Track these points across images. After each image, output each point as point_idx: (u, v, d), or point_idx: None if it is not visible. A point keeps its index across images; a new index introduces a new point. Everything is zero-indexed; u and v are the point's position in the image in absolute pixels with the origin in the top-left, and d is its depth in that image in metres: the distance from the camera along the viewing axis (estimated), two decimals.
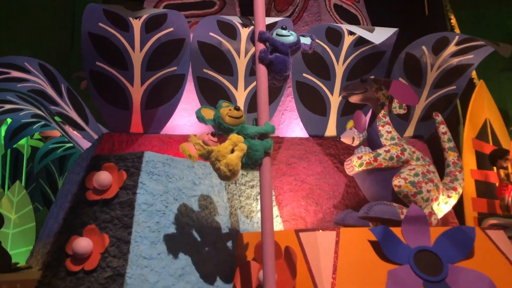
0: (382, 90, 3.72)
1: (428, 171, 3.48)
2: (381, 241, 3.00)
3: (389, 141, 3.60)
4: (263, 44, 2.95)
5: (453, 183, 3.69)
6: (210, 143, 2.71)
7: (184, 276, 3.01)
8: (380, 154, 3.52)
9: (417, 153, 3.60)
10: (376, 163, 3.51)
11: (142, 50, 3.89)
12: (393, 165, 3.51)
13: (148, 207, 3.05)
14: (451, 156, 3.81)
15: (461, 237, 3.12)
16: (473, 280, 2.95)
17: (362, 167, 3.55)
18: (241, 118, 2.80)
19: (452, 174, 3.75)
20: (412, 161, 3.54)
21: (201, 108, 2.88)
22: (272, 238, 2.71)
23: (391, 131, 3.66)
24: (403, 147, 3.55)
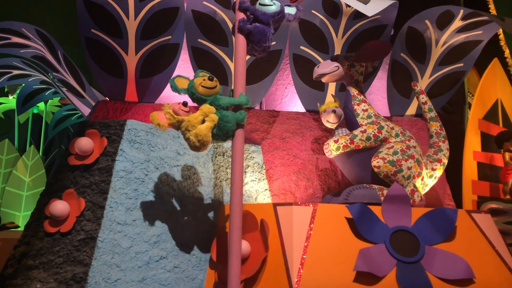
0: (355, 67, 3.57)
1: (408, 147, 3.36)
2: (357, 219, 2.96)
3: (366, 119, 3.48)
4: (244, 14, 2.90)
5: (437, 155, 3.56)
6: (180, 113, 2.70)
7: (159, 243, 3.06)
8: (357, 135, 3.42)
9: (396, 129, 3.48)
10: (353, 145, 3.42)
11: (136, 19, 3.88)
12: (371, 145, 3.41)
13: (126, 174, 3.08)
14: (434, 127, 3.66)
15: (442, 219, 3.04)
16: (449, 262, 2.88)
17: (339, 150, 3.45)
18: (214, 88, 2.77)
19: (436, 145, 3.61)
20: (391, 138, 3.43)
21: (176, 77, 2.86)
22: (240, 211, 2.72)
23: (367, 108, 3.53)
24: (380, 125, 3.43)
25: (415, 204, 3.30)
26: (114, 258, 2.84)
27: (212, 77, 2.77)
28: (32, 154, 6.46)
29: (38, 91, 5.83)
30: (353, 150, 3.44)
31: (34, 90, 5.75)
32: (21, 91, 5.74)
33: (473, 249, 3.01)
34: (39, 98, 5.97)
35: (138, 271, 2.90)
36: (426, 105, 3.67)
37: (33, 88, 5.69)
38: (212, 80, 2.76)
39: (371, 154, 3.39)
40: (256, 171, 3.92)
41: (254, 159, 3.95)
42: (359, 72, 3.58)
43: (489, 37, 4.11)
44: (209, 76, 2.77)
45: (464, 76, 4.32)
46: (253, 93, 4.18)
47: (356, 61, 3.54)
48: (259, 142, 4.08)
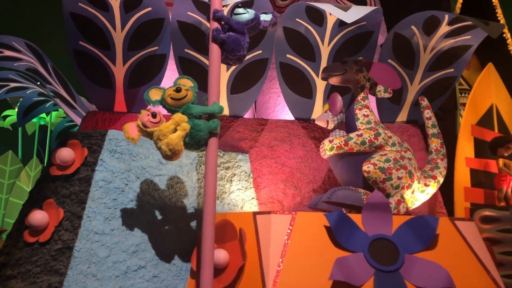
0: (363, 72, 3.57)
1: (402, 157, 3.32)
2: (335, 227, 2.92)
3: (365, 125, 3.46)
4: (218, 23, 2.91)
5: (433, 171, 3.51)
6: (149, 125, 2.72)
7: (138, 252, 3.07)
8: (352, 138, 3.40)
9: (394, 138, 3.44)
10: (347, 147, 3.39)
11: (123, 30, 3.93)
12: (365, 150, 3.37)
13: (105, 184, 3.11)
14: (434, 143, 3.62)
15: (423, 227, 2.97)
16: (429, 271, 2.82)
17: (333, 151, 3.44)
18: (182, 99, 2.77)
19: (434, 162, 3.56)
20: (387, 147, 3.39)
21: (150, 89, 2.89)
22: (212, 220, 2.71)
23: (369, 114, 3.51)
24: (377, 132, 3.40)
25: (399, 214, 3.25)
26: (91, 267, 2.85)
27: (180, 88, 2.78)
28: (35, 165, 6.57)
29: (39, 103, 5.93)
30: (346, 153, 3.41)
31: (34, 102, 5.84)
32: (21, 103, 5.85)
33: (455, 257, 2.94)
34: (39, 110, 6.07)
35: (115, 280, 2.91)
36: (430, 120, 3.64)
37: (33, 100, 5.79)
38: (180, 91, 2.77)
39: (363, 159, 3.35)
40: (243, 180, 3.91)
41: (241, 167, 3.95)
42: (366, 78, 3.56)
43: (478, 42, 4.05)
44: (177, 87, 2.79)
45: (455, 81, 4.26)
46: (240, 102, 4.21)
47: (366, 68, 3.52)
48: (246, 150, 4.08)
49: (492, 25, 3.40)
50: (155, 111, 2.79)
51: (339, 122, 3.63)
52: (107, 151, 3.20)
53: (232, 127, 4.17)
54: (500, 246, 3.87)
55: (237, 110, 4.22)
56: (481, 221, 3.97)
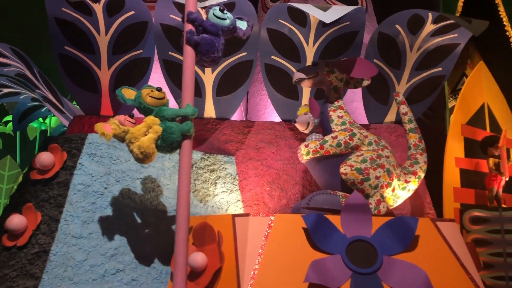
0: (335, 73, 3.52)
1: (379, 156, 3.27)
2: (312, 229, 2.89)
3: (340, 126, 3.42)
4: (192, 25, 2.90)
5: (413, 167, 3.45)
6: (126, 123, 2.72)
7: (116, 256, 3.07)
8: (327, 141, 3.36)
9: (370, 137, 3.40)
10: (323, 150, 3.36)
11: (107, 34, 3.94)
12: (341, 152, 3.33)
13: (84, 187, 3.11)
14: (412, 138, 3.56)
15: (403, 228, 2.94)
16: (407, 273, 2.78)
17: (309, 155, 3.41)
18: (162, 99, 2.78)
19: (413, 157, 3.51)
20: (363, 147, 3.35)
21: (123, 88, 2.89)
22: (185, 224, 2.68)
23: (343, 115, 3.47)
24: (352, 132, 3.36)
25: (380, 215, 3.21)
26: (67, 271, 2.85)
27: (160, 88, 2.78)
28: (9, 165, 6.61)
29: (34, 108, 5.96)
30: (323, 156, 3.38)
31: (29, 107, 5.88)
32: (16, 108, 5.88)
33: (435, 258, 2.89)
34: (35, 115, 6.10)
35: (92, 284, 2.91)
36: (406, 116, 3.59)
37: (28, 105, 5.83)
38: (160, 91, 2.77)
39: (341, 161, 3.31)
40: (228, 182, 3.90)
41: (226, 170, 3.94)
42: (338, 79, 3.53)
43: (466, 40, 4.00)
44: (157, 87, 2.79)
45: (443, 80, 4.21)
46: (227, 104, 4.19)
47: (337, 68, 3.48)
48: (233, 153, 4.07)
49: (475, 22, 3.35)
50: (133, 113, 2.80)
51: (315, 125, 3.60)
52: (86, 155, 3.21)
53: (219, 129, 4.16)
54: (489, 247, 3.80)
55: (224, 113, 4.21)
56: (471, 222, 3.91)
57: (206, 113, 4.20)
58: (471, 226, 3.90)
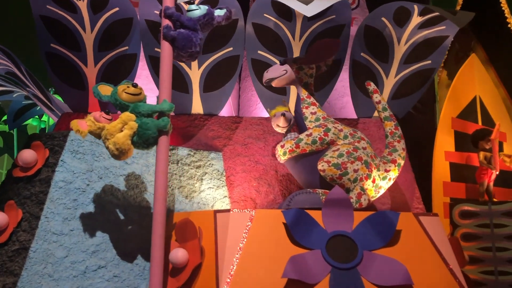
0: (304, 69, 3.50)
1: (355, 149, 3.24)
2: (291, 225, 2.87)
3: (313, 123, 3.39)
4: (169, 20, 2.89)
5: (391, 155, 3.40)
6: (101, 120, 2.71)
7: (98, 252, 3.06)
8: (302, 139, 3.33)
9: (345, 131, 3.36)
10: (299, 149, 3.33)
11: (93, 31, 3.94)
12: (318, 148, 3.30)
13: (66, 184, 3.11)
14: (388, 126, 3.51)
15: (384, 223, 2.91)
16: (387, 268, 2.75)
17: (286, 155, 3.38)
18: (138, 95, 2.77)
19: (391, 145, 3.46)
20: (339, 141, 3.32)
21: (99, 84, 2.88)
22: (162, 220, 2.69)
23: (316, 111, 3.44)
24: (327, 128, 3.32)
25: (362, 208, 3.18)
26: (47, 268, 2.86)
27: (136, 84, 2.77)
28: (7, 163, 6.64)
29: (29, 106, 5.99)
30: (301, 155, 3.35)
31: (24, 105, 5.90)
32: (11, 107, 5.91)
33: (417, 253, 2.86)
34: (31, 113, 6.12)
35: (72, 280, 2.91)
36: (380, 104, 3.55)
37: (22, 103, 5.85)
38: (136, 87, 2.76)
39: (318, 158, 3.29)
40: (215, 178, 3.89)
41: (213, 166, 3.92)
42: (308, 75, 3.51)
43: (454, 32, 3.95)
44: (133, 83, 2.78)
45: (433, 73, 4.16)
46: (214, 100, 4.18)
47: (305, 64, 3.47)
48: (220, 149, 4.05)
49: (460, 14, 3.30)
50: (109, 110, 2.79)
51: (291, 125, 3.57)
52: (68, 152, 3.21)
53: (206, 125, 4.15)
54: (478, 241, 3.76)
55: (211, 109, 4.20)
56: (460, 216, 3.86)
57: (194, 109, 4.19)
58: (461, 221, 3.85)
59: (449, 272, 2.80)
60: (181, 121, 4.12)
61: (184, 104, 4.15)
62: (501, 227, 3.69)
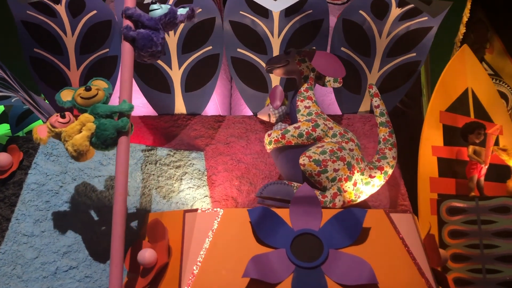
0: (306, 62, 3.47)
1: (341, 149, 3.17)
2: (256, 223, 2.84)
3: (305, 117, 3.35)
4: (130, 21, 2.89)
5: (380, 162, 3.33)
6: (57, 125, 2.73)
7: (70, 253, 3.09)
8: (289, 130, 3.29)
9: (335, 129, 3.30)
10: (284, 140, 3.29)
11: (73, 35, 3.99)
12: (303, 143, 3.25)
13: (38, 186, 3.15)
14: (382, 132, 3.44)
15: (350, 221, 2.84)
16: (352, 267, 2.69)
17: (271, 145, 3.35)
18: (93, 98, 2.77)
19: (381, 152, 3.38)
20: (326, 138, 3.26)
21: (63, 90, 2.91)
22: (122, 220, 2.69)
23: (310, 106, 3.39)
24: (316, 123, 3.27)
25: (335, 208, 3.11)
26: (16, 269, 2.90)
27: (89, 87, 2.78)
28: None
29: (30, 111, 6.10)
30: (285, 146, 3.31)
31: (25, 110, 6.01)
32: (12, 111, 6.03)
33: (385, 252, 2.78)
34: (32, 117, 6.24)
35: (42, 281, 2.95)
36: (378, 109, 3.48)
37: (23, 108, 5.96)
38: (90, 90, 2.77)
39: (302, 152, 3.23)
40: (196, 178, 3.88)
41: (194, 165, 3.91)
42: (310, 68, 3.47)
43: (438, 23, 3.82)
44: (87, 86, 2.79)
45: (419, 66, 4.04)
46: (196, 100, 4.17)
47: (309, 59, 3.43)
48: (202, 148, 4.04)
49: (434, 4, 3.19)
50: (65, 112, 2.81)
51: (281, 115, 3.52)
52: (42, 154, 3.25)
53: (189, 125, 4.14)
54: (466, 238, 3.62)
55: (194, 108, 4.19)
56: (448, 212, 3.74)
57: (177, 109, 4.19)
58: (448, 217, 3.72)
59: (418, 270, 2.71)
60: (163, 121, 4.13)
61: (167, 104, 4.16)
62: (489, 224, 3.56)
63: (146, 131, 4.09)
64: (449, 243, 3.70)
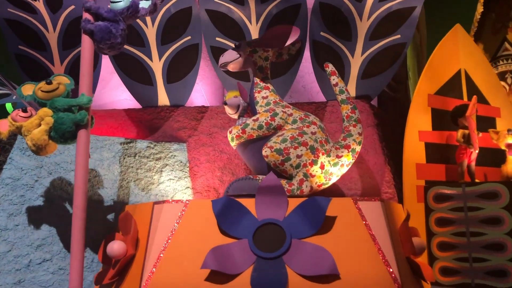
0: (258, 52, 3.36)
1: (301, 134, 3.08)
2: (219, 214, 2.79)
3: (264, 107, 3.27)
4: (89, 13, 2.89)
5: (345, 140, 3.21)
6: (18, 119, 2.76)
7: (44, 246, 3.14)
8: (248, 124, 3.22)
9: (295, 115, 3.20)
10: (245, 134, 3.22)
11: (55, 31, 4.03)
12: (265, 134, 3.18)
13: (13, 181, 3.20)
14: (345, 109, 3.30)
15: (314, 210, 2.75)
16: (313, 256, 2.61)
17: (234, 141, 3.29)
18: (53, 92, 2.78)
19: (346, 130, 3.26)
20: (287, 125, 3.17)
21: (23, 84, 2.93)
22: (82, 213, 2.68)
23: (268, 95, 3.31)
24: (274, 112, 3.19)
25: (304, 195, 3.04)
26: None
27: (50, 81, 2.79)
28: None
29: None
30: (249, 140, 3.25)
31: None
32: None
33: (351, 241, 2.69)
34: None
35: (15, 274, 3.00)
36: (337, 86, 3.36)
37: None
38: (50, 83, 2.78)
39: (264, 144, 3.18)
40: (177, 170, 3.87)
41: (176, 157, 3.91)
42: (263, 58, 3.39)
43: (421, 2, 3.66)
44: (47, 80, 2.80)
45: (405, 48, 3.89)
46: (179, 91, 4.16)
47: (259, 46, 3.35)
48: (185, 139, 4.03)
49: None
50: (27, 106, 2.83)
51: (242, 111, 3.45)
52: (17, 149, 3.30)
53: (172, 117, 4.13)
54: (453, 226, 3.47)
55: (177, 99, 4.17)
56: (435, 199, 3.59)
57: (160, 101, 4.18)
58: (435, 205, 3.58)
59: (382, 260, 2.61)
60: (147, 114, 4.13)
61: (150, 96, 4.16)
62: (476, 210, 3.39)
63: (130, 124, 4.11)
64: (436, 231, 3.56)
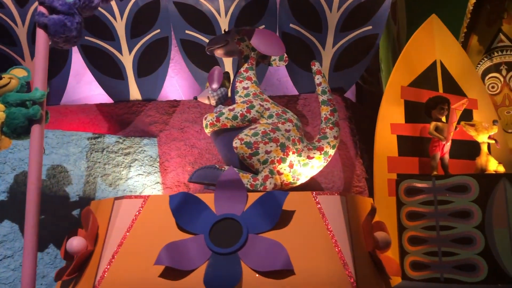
0: (245, 41, 3.32)
1: (274, 130, 3.04)
2: (175, 209, 2.76)
3: (242, 98, 3.23)
4: (43, 6, 2.84)
5: (319, 142, 3.18)
6: None
7: (5, 243, 3.12)
8: (224, 113, 3.18)
9: (272, 110, 3.16)
10: (219, 123, 3.18)
11: (24, 25, 3.99)
12: (239, 125, 3.14)
13: None
14: (324, 111, 3.27)
15: (271, 204, 2.71)
16: (268, 252, 2.57)
17: (208, 128, 3.25)
18: (4, 87, 2.74)
19: (322, 132, 3.22)
20: (262, 120, 3.13)
21: None
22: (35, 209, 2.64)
23: (249, 86, 3.26)
24: (251, 105, 3.14)
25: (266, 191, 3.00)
26: None
27: (1, 76, 2.75)
28: None
29: None
30: (222, 129, 3.20)
31: None
32: None
33: (307, 236, 2.64)
34: None
35: None
36: (320, 86, 3.31)
37: None
38: (1, 79, 2.74)
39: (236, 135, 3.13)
40: (147, 165, 3.83)
41: (145, 152, 3.87)
42: (250, 48, 3.33)
43: None
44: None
45: (377, 40, 3.83)
46: (150, 85, 4.11)
47: (247, 37, 3.29)
48: (156, 134, 3.99)
49: None
50: None
51: (221, 98, 3.39)
52: None
53: (143, 111, 4.09)
54: (423, 220, 3.41)
55: (149, 94, 4.13)
56: (406, 193, 3.52)
57: (132, 95, 4.14)
58: (406, 198, 3.51)
59: (338, 255, 2.56)
60: (118, 108, 4.09)
61: (122, 91, 4.12)
62: (446, 204, 3.33)
63: (102, 119, 4.07)
64: (407, 225, 3.50)
